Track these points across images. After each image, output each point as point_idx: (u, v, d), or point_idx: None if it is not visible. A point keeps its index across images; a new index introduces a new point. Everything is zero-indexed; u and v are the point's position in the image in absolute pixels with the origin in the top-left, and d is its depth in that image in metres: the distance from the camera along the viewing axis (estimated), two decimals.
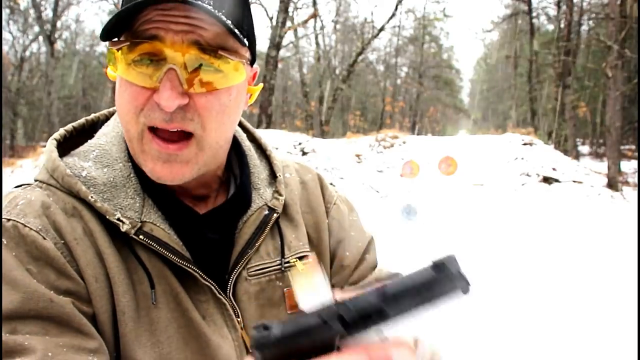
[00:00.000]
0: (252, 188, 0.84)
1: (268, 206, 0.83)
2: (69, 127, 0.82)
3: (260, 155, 0.91)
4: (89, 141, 0.79)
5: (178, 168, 0.70)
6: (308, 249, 0.86)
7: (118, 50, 0.67)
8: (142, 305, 0.71)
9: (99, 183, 0.73)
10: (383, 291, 0.35)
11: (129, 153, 0.77)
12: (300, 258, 0.84)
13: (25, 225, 0.66)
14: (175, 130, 0.68)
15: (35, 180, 0.75)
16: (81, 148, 0.78)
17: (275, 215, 0.83)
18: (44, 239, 0.66)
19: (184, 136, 0.69)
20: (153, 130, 0.69)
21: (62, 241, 0.68)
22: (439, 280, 0.35)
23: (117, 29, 0.68)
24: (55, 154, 0.75)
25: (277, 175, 0.87)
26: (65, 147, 0.79)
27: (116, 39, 0.68)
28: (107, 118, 0.85)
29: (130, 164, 0.76)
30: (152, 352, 0.70)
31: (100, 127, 0.83)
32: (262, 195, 0.84)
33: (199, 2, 0.63)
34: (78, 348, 0.62)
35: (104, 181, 0.73)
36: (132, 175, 0.75)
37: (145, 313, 0.71)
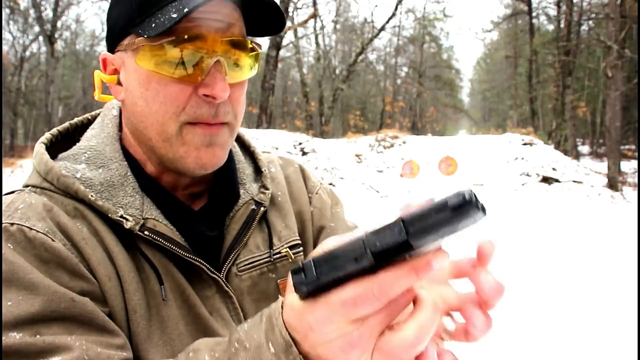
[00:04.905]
0: (239, 183, 0.84)
1: (255, 200, 0.84)
2: (54, 131, 0.81)
3: (244, 152, 0.92)
4: (77, 144, 0.77)
5: (219, 151, 0.73)
6: (298, 238, 0.87)
7: (155, 45, 0.66)
8: (152, 304, 0.71)
9: (96, 183, 0.72)
10: (406, 227, 0.38)
11: (123, 153, 0.77)
12: (292, 247, 0.85)
13: (32, 229, 0.64)
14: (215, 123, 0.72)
15: (27, 186, 0.72)
16: (70, 151, 0.76)
17: (262, 209, 0.83)
18: (53, 240, 0.64)
19: (220, 124, 0.73)
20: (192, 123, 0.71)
21: (70, 242, 0.66)
22: (460, 217, 0.37)
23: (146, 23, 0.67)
24: (47, 156, 0.73)
25: (262, 170, 0.88)
26: (51, 151, 0.77)
27: (144, 34, 0.66)
28: (89, 122, 0.85)
29: (126, 163, 0.76)
30: (165, 350, 0.69)
31: (82, 132, 0.81)
32: (249, 190, 0.85)
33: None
34: (106, 345, 0.61)
35: (101, 181, 0.72)
36: (128, 174, 0.75)
37: (156, 311, 0.71)
